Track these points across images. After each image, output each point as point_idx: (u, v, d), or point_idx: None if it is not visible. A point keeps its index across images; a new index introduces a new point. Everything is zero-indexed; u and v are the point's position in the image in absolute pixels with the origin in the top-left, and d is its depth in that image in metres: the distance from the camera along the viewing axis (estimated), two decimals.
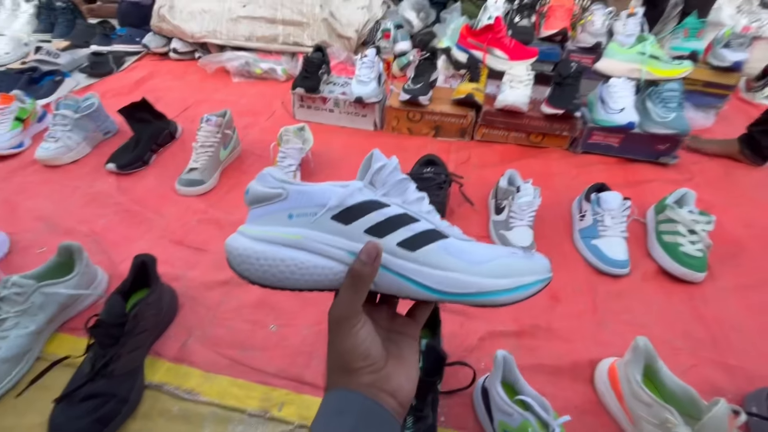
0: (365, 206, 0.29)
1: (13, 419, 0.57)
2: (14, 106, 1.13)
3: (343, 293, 0.28)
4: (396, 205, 0.30)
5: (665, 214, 0.92)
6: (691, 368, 0.69)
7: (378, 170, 0.30)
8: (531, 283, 0.30)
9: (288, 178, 0.30)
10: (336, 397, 0.29)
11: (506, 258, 0.30)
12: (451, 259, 0.30)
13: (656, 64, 1.19)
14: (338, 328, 0.28)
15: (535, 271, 0.30)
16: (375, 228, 0.29)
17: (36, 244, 0.86)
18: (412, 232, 0.30)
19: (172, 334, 0.70)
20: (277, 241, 0.29)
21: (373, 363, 0.28)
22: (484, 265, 0.30)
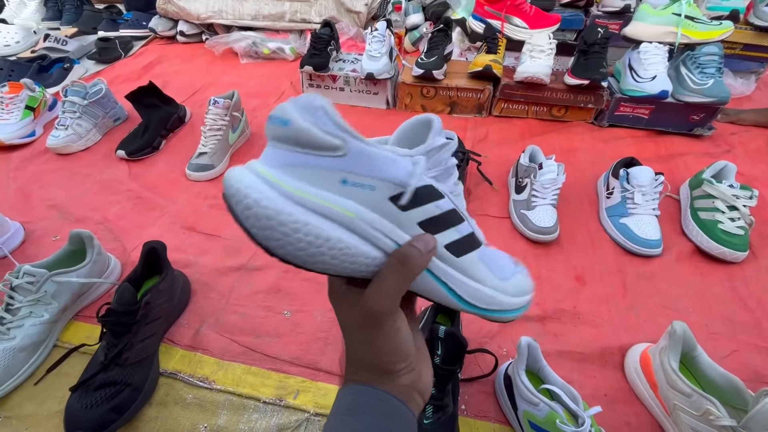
0: (427, 193, 0.24)
1: (32, 407, 0.58)
2: (24, 94, 1.13)
3: (387, 283, 0.23)
4: (447, 196, 0.25)
5: (702, 189, 0.85)
6: (731, 354, 0.65)
7: (439, 148, 0.25)
8: (526, 303, 0.30)
9: (348, 126, 0.22)
10: (354, 393, 0.26)
11: (518, 274, 0.30)
12: (486, 272, 0.28)
13: (692, 26, 1.09)
14: (379, 324, 0.24)
15: (529, 290, 0.31)
16: (429, 222, 0.25)
17: (50, 233, 0.86)
18: (459, 234, 0.26)
19: (186, 322, 0.69)
20: (325, 213, 0.22)
21: (410, 362, 0.26)
22: (508, 282, 0.29)
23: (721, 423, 0.46)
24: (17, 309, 0.60)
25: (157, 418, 0.57)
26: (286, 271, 0.77)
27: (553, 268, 0.79)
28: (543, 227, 0.82)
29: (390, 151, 0.23)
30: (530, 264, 0.80)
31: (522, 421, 0.53)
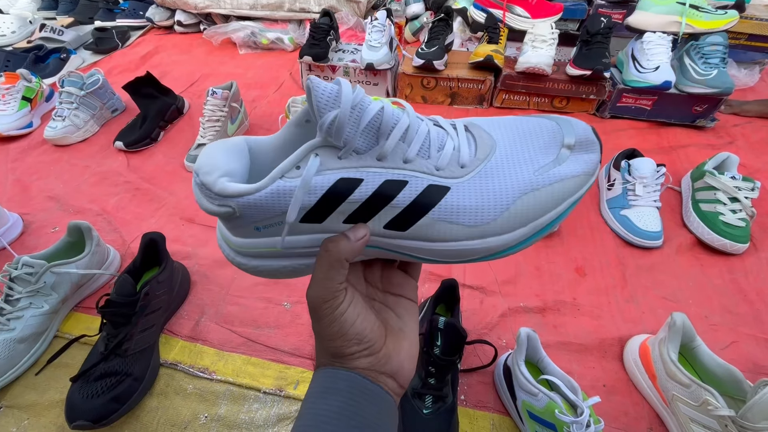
0: (333, 196, 0.23)
1: (34, 396, 0.58)
2: (20, 85, 1.12)
3: (316, 272, 0.24)
4: (371, 169, 0.23)
5: (703, 181, 0.84)
6: (730, 345, 0.65)
7: (331, 123, 0.22)
8: (554, 219, 0.25)
9: (230, 186, 0.23)
10: (323, 376, 0.25)
11: (529, 192, 0.24)
12: (453, 227, 0.24)
13: (697, 15, 1.07)
14: (318, 311, 0.24)
15: (568, 192, 0.25)
16: (353, 217, 0.24)
17: (49, 224, 0.85)
18: (398, 208, 0.24)
19: (186, 313, 0.69)
20: (262, 255, 0.26)
21: (369, 345, 0.25)
22: (496, 221, 0.24)
23: (720, 413, 0.46)
24: (17, 300, 0.60)
25: (157, 408, 0.57)
26: None
27: (553, 260, 0.79)
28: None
29: (279, 179, 0.23)
30: (530, 256, 0.79)
31: (521, 412, 0.53)
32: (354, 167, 0.23)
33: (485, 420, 0.57)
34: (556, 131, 0.26)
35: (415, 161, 0.24)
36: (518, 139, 0.26)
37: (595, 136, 0.26)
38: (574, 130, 0.25)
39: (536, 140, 0.26)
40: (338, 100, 0.22)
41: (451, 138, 0.25)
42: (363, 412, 0.24)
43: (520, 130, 0.26)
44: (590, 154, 0.25)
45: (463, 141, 0.25)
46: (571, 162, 0.25)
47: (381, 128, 0.23)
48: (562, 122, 0.26)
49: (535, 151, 0.25)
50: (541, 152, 0.25)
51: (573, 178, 0.25)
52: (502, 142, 0.26)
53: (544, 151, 0.25)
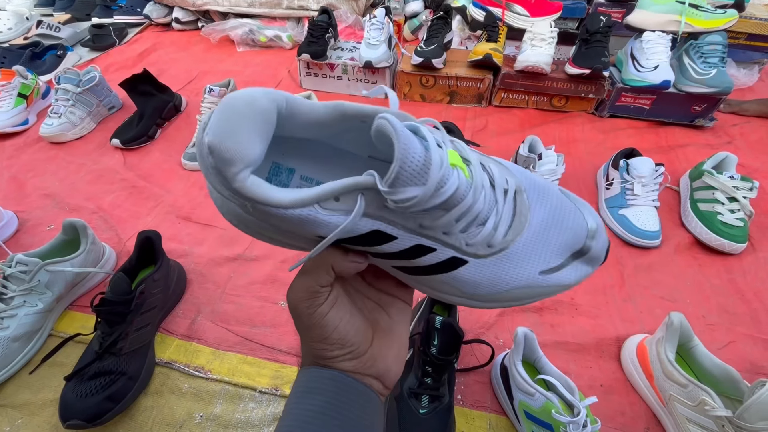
0: (361, 240, 0.22)
1: (28, 395, 0.58)
2: (16, 81, 1.11)
3: (302, 272, 0.24)
4: (409, 232, 0.22)
5: (702, 181, 0.84)
6: (727, 345, 0.65)
7: (405, 200, 0.19)
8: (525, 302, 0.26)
9: (253, 188, 0.19)
10: (307, 375, 0.25)
11: (524, 288, 0.24)
12: (451, 288, 0.24)
13: (696, 14, 1.07)
14: (297, 311, 0.24)
15: (551, 293, 0.25)
16: (369, 251, 0.23)
17: (44, 222, 0.85)
18: (413, 264, 0.23)
19: (182, 311, 0.69)
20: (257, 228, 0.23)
21: (352, 350, 0.24)
22: (488, 296, 0.25)
23: (716, 413, 0.46)
24: (10, 298, 0.59)
25: (152, 407, 0.57)
26: (282, 262, 0.77)
27: None
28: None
29: (311, 204, 0.20)
30: None
31: (518, 411, 0.53)
32: (393, 222, 0.21)
33: (482, 420, 0.57)
34: (579, 236, 0.25)
35: (453, 235, 0.22)
36: (546, 227, 0.24)
37: (605, 256, 0.26)
38: (596, 241, 0.25)
39: (560, 236, 0.25)
40: (426, 175, 0.19)
41: (496, 212, 0.23)
42: (346, 410, 0.24)
43: (556, 215, 0.25)
44: (589, 267, 0.25)
45: (505, 217, 0.23)
46: (570, 270, 0.25)
47: (445, 205, 0.20)
48: (591, 224, 0.25)
49: (552, 251, 0.25)
50: (555, 253, 0.25)
51: (562, 287, 0.25)
52: (534, 223, 0.24)
53: (558, 252, 0.25)
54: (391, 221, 0.21)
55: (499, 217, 0.23)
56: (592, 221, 0.25)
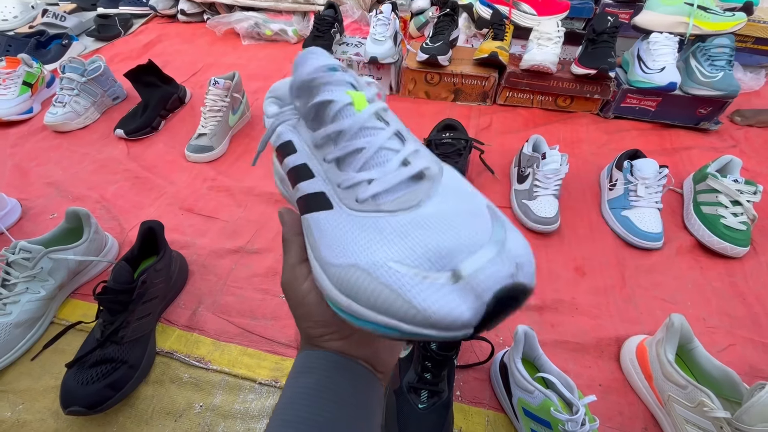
0: (283, 147, 0.27)
1: (29, 382, 0.58)
2: (21, 70, 1.11)
3: (284, 252, 0.27)
4: (303, 144, 0.25)
5: (706, 184, 0.84)
6: (727, 348, 0.65)
7: (294, 82, 0.25)
8: (397, 326, 0.19)
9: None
10: (301, 358, 0.26)
11: (371, 268, 0.19)
12: (312, 240, 0.24)
13: (705, 16, 1.06)
14: (286, 293, 0.26)
15: (425, 323, 0.18)
16: (291, 173, 0.26)
17: (48, 210, 0.85)
18: (300, 193, 0.25)
19: (183, 302, 0.69)
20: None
21: (335, 329, 0.25)
22: (332, 270, 0.21)
23: (715, 415, 0.46)
24: (13, 285, 0.60)
25: (153, 396, 0.57)
26: None
27: (552, 258, 0.79)
28: (544, 217, 0.81)
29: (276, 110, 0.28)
30: None
31: (516, 409, 0.53)
32: (301, 139, 0.26)
33: (480, 416, 0.57)
34: (461, 249, 0.19)
35: (329, 166, 0.24)
36: (431, 222, 0.20)
37: (498, 301, 0.18)
38: (482, 272, 0.18)
39: (440, 238, 0.19)
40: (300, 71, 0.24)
41: (380, 169, 0.22)
42: (337, 387, 0.24)
43: (452, 219, 0.20)
44: (459, 299, 0.18)
45: (390, 183, 0.22)
46: (432, 288, 0.18)
47: (321, 117, 0.24)
48: (489, 248, 0.19)
49: (422, 249, 0.19)
50: (423, 255, 0.19)
51: (405, 301, 0.18)
52: (423, 213, 0.21)
53: (427, 256, 0.19)
54: (301, 137, 0.26)
55: (381, 176, 0.22)
56: (492, 247, 0.19)
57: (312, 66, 0.24)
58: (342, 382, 0.24)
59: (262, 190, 0.90)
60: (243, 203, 0.88)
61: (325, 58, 0.25)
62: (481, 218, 0.20)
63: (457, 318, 0.17)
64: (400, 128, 0.24)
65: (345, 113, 0.23)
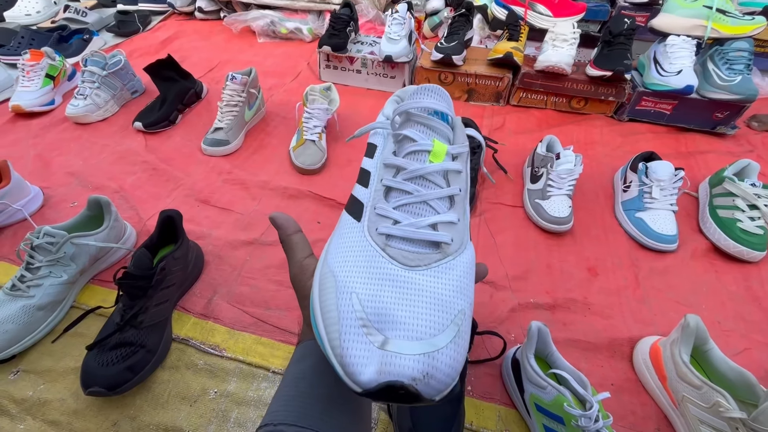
0: (368, 148, 0.31)
1: (50, 362, 0.59)
2: (44, 62, 1.13)
3: (288, 259, 0.31)
4: (379, 157, 0.29)
5: (722, 187, 0.83)
6: (743, 352, 0.64)
7: (401, 107, 0.27)
8: (322, 341, 0.22)
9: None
10: (300, 347, 0.30)
11: (340, 287, 0.23)
12: (334, 239, 0.27)
13: (723, 20, 1.05)
14: (294, 285, 0.30)
15: (339, 360, 0.21)
16: (359, 173, 0.30)
17: (68, 199, 0.87)
18: (355, 193, 0.29)
19: (198, 291, 0.70)
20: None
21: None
22: (324, 267, 0.25)
23: (731, 415, 0.46)
24: (37, 268, 0.61)
25: (169, 381, 0.58)
26: None
27: (565, 258, 0.78)
28: (557, 217, 0.81)
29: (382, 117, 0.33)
30: (542, 254, 0.79)
31: (528, 404, 0.53)
32: (381, 150, 0.30)
33: (491, 411, 0.57)
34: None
35: (379, 188, 0.27)
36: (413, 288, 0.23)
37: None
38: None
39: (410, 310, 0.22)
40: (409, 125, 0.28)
41: (413, 215, 0.25)
42: (326, 379, 0.27)
43: (441, 298, 0.22)
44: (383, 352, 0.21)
45: (414, 236, 0.24)
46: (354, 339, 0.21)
47: (402, 147, 0.28)
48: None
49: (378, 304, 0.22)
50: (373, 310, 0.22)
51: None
52: (416, 278, 0.23)
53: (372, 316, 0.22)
54: (384, 149, 0.29)
55: (405, 225, 0.25)
56: (424, 347, 0.20)
57: (422, 102, 0.26)
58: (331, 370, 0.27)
59: (277, 184, 0.91)
60: (257, 196, 0.89)
61: (438, 102, 0.26)
62: (442, 316, 0.22)
63: (355, 371, 0.20)
64: (455, 194, 0.26)
65: (418, 156, 0.26)
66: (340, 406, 0.27)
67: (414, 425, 0.51)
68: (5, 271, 0.71)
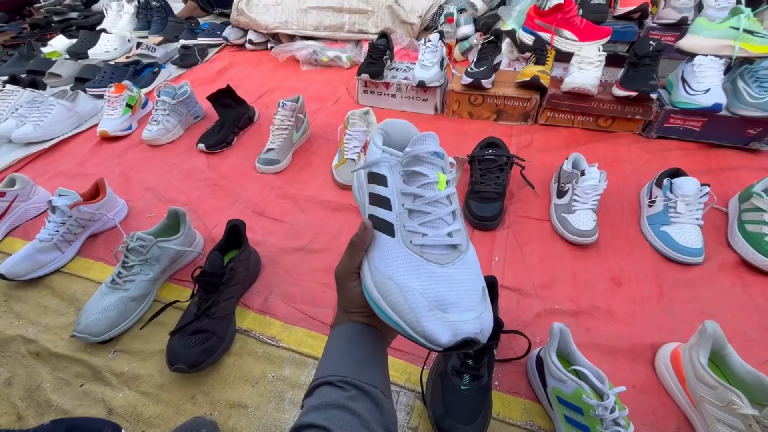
0: (376, 177, 0.38)
1: (140, 345, 0.71)
2: (125, 94, 1.32)
3: (343, 256, 0.38)
4: (394, 187, 0.37)
5: (751, 203, 0.85)
6: (766, 362, 0.66)
7: (408, 153, 0.36)
8: (402, 326, 0.32)
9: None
10: (336, 330, 0.39)
11: (403, 287, 0.32)
12: (373, 251, 0.36)
13: (751, 40, 1.08)
14: (339, 283, 0.39)
15: (421, 333, 0.31)
16: (372, 196, 0.38)
17: (147, 210, 1.02)
18: (380, 216, 0.37)
19: (257, 290, 0.81)
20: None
21: (365, 311, 0.38)
22: (376, 274, 0.35)
23: (743, 411, 0.50)
24: (131, 266, 0.74)
25: (234, 365, 0.68)
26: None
27: (589, 269, 0.83)
28: (582, 230, 0.86)
29: (380, 151, 0.39)
30: (567, 264, 0.84)
31: (551, 397, 0.59)
32: (390, 179, 0.38)
33: (517, 404, 0.63)
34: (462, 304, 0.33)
35: (403, 211, 0.36)
36: (447, 279, 0.33)
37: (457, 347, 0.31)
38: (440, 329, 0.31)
39: (449, 291, 0.33)
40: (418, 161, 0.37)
41: (431, 230, 0.35)
42: (362, 342, 0.38)
43: (469, 283, 0.34)
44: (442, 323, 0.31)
45: (433, 241, 0.34)
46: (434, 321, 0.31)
47: (414, 179, 0.37)
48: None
49: (430, 291, 0.33)
50: (429, 295, 0.32)
51: (406, 304, 0.32)
52: (451, 272, 0.34)
53: (428, 299, 0.32)
54: (393, 179, 0.37)
55: (432, 236, 0.35)
56: (474, 313, 0.32)
57: (427, 148, 0.36)
58: (366, 340, 0.38)
59: (321, 198, 1.02)
60: (305, 209, 1.00)
61: (436, 145, 0.36)
62: (476, 293, 0.34)
63: (438, 339, 0.30)
64: (456, 209, 0.37)
65: (430, 187, 0.36)
66: (368, 366, 0.37)
67: (446, 411, 0.58)
68: (101, 270, 0.85)
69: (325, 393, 0.34)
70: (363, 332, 0.38)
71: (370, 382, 0.35)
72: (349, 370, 0.35)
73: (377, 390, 0.35)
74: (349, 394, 0.34)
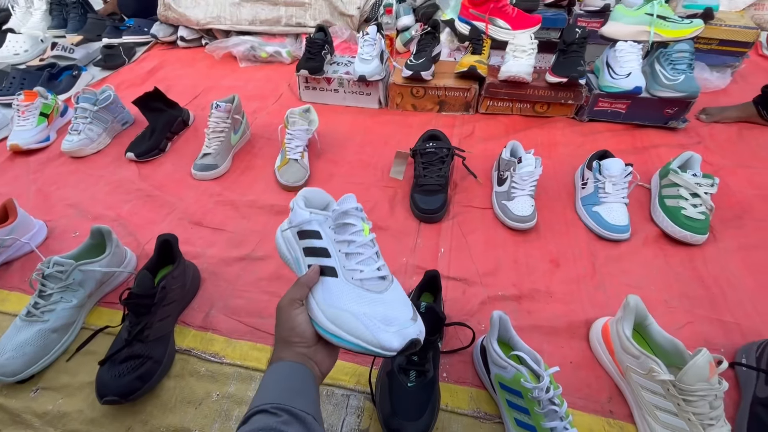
0: (308, 233, 0.45)
1: (66, 379, 0.66)
2: (38, 102, 1.20)
3: (288, 291, 0.43)
4: (328, 238, 0.44)
5: (668, 179, 0.92)
6: (686, 325, 0.72)
7: (337, 211, 0.45)
8: (360, 344, 0.40)
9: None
10: (273, 366, 0.41)
11: (356, 314, 0.40)
12: (320, 294, 0.43)
13: (664, 25, 1.15)
14: (282, 313, 0.43)
15: (377, 345, 0.39)
16: (307, 249, 0.45)
17: (70, 229, 0.93)
18: (320, 263, 0.44)
19: (197, 306, 0.77)
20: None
21: (306, 341, 0.42)
22: (329, 309, 0.42)
23: (661, 377, 0.54)
24: (49, 295, 0.68)
25: (175, 388, 0.65)
26: None
27: (530, 253, 0.86)
28: (521, 216, 0.89)
29: (309, 211, 0.46)
30: (509, 250, 0.87)
31: (494, 383, 0.61)
32: (323, 234, 0.45)
33: (464, 393, 0.64)
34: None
35: (341, 255, 0.44)
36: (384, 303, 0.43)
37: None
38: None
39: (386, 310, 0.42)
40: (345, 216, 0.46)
41: (367, 265, 0.44)
42: (296, 377, 0.40)
43: (401, 301, 0.45)
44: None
45: (373, 276, 0.44)
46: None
47: (345, 230, 0.45)
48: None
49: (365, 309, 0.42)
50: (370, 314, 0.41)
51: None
52: (388, 297, 0.43)
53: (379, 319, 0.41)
54: (326, 233, 0.45)
55: (366, 271, 0.44)
56: (412, 322, 0.42)
57: (350, 205, 0.44)
58: (298, 374, 0.40)
59: (264, 202, 0.99)
60: (247, 215, 0.96)
61: (354, 202, 0.45)
62: (408, 308, 0.44)
63: (391, 345, 0.39)
64: (377, 250, 0.46)
65: (359, 233, 0.45)
66: (301, 395, 0.39)
67: (394, 410, 0.58)
68: (18, 300, 0.77)
69: (259, 419, 0.36)
70: (299, 370, 0.40)
71: (302, 408, 0.37)
72: (283, 397, 0.38)
73: (309, 416, 0.37)
74: (282, 419, 0.36)
